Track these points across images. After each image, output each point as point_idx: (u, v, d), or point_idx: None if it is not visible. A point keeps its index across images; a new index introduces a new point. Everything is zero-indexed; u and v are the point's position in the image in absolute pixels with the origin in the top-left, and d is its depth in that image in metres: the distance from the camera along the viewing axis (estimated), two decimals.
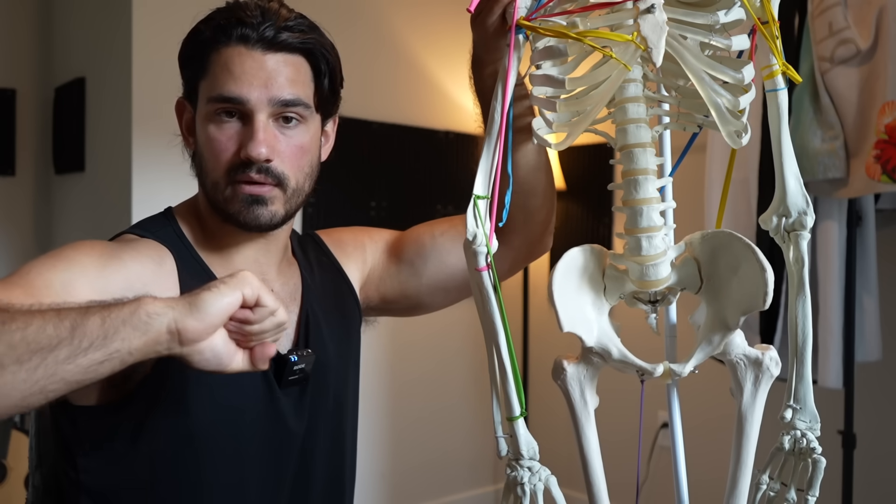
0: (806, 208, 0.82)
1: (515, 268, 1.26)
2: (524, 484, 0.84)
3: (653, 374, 0.87)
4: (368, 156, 3.09)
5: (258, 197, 1.02)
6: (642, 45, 0.79)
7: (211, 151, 1.02)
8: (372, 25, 3.13)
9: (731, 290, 0.84)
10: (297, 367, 1.07)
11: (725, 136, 0.83)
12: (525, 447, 0.85)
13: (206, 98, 1.02)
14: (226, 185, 1.02)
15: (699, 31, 0.83)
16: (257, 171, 1.01)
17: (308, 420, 1.10)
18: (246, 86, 1.00)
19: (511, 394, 0.85)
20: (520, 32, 0.87)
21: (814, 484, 0.78)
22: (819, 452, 0.79)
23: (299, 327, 1.13)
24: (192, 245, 1.06)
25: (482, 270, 0.84)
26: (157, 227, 1.07)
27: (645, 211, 0.84)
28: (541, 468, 0.86)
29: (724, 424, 1.39)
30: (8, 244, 3.03)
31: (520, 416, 0.86)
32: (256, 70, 1.00)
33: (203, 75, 1.03)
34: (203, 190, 1.07)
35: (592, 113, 0.86)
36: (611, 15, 0.84)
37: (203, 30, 1.03)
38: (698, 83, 0.82)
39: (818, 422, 0.80)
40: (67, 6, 3.03)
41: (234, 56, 1.00)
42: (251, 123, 1.00)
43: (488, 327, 0.85)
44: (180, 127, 1.11)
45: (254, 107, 1.00)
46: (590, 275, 0.90)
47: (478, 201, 0.84)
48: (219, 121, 1.01)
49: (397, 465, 3.28)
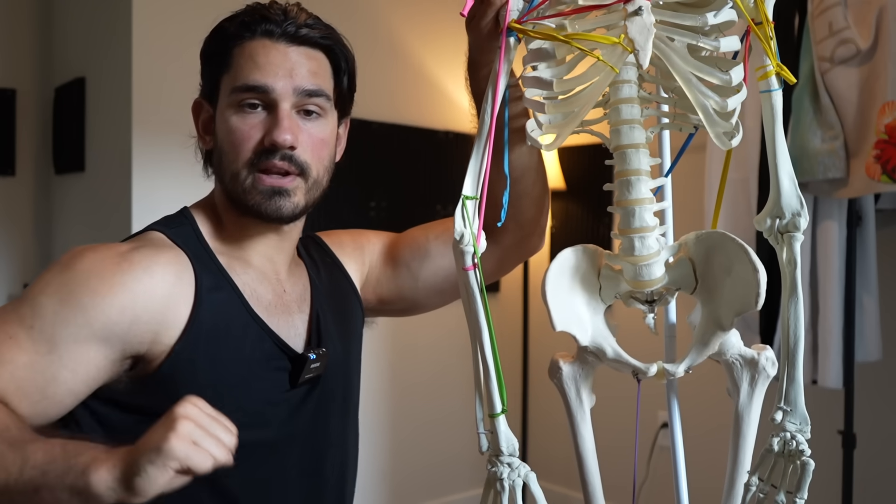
0: (800, 209, 0.81)
1: (505, 267, 1.27)
2: (503, 479, 0.86)
3: (647, 373, 0.88)
4: (368, 156, 3.09)
5: (280, 189, 1.03)
6: (629, 47, 0.80)
7: (233, 141, 1.03)
8: (372, 25, 3.13)
9: (724, 290, 0.85)
10: (312, 366, 1.08)
11: (714, 138, 0.83)
12: (505, 444, 0.87)
13: (229, 89, 1.04)
14: (247, 174, 1.03)
15: (687, 34, 0.83)
16: (281, 159, 1.02)
17: (317, 418, 1.11)
18: (271, 75, 1.02)
19: (493, 391, 0.87)
20: (511, 35, 0.88)
21: (802, 487, 0.78)
22: (808, 455, 0.79)
23: (310, 326, 1.14)
24: (208, 242, 1.07)
25: (468, 270, 0.85)
26: (177, 225, 1.07)
27: (637, 211, 0.84)
28: (520, 464, 0.87)
29: (723, 424, 1.39)
30: (8, 244, 3.04)
31: (501, 413, 0.87)
32: (281, 60, 1.03)
33: (226, 69, 1.05)
34: (222, 184, 1.08)
35: (580, 114, 0.87)
36: (601, 17, 0.85)
37: (227, 27, 1.06)
38: (685, 85, 0.82)
39: (808, 424, 0.80)
40: (67, 6, 3.03)
41: (258, 48, 1.03)
42: (275, 112, 1.02)
43: (473, 325, 0.87)
44: (196, 127, 1.12)
45: (279, 96, 1.02)
46: (584, 274, 0.90)
47: (466, 201, 0.86)
48: (242, 111, 1.03)
49: (398, 464, 3.28)
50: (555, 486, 3.38)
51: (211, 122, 1.09)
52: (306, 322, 1.14)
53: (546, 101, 0.88)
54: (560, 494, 3.35)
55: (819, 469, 0.83)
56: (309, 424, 1.10)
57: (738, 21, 0.83)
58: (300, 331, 1.12)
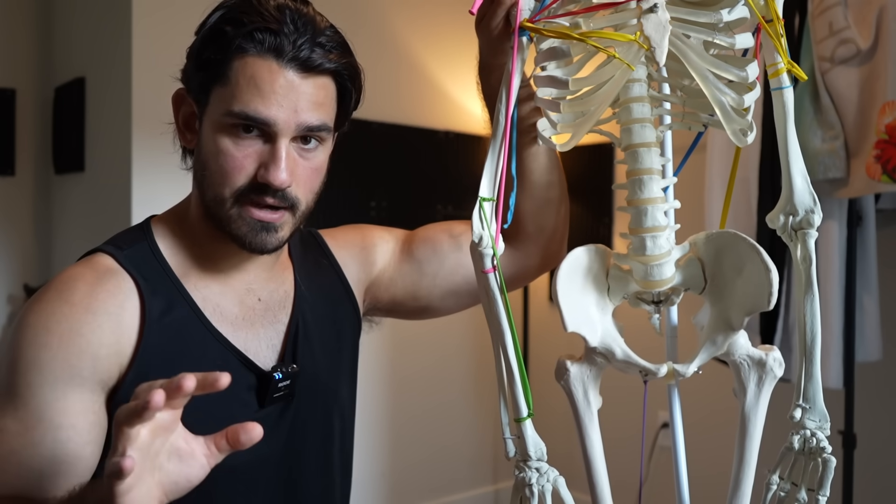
0: (813, 206, 0.82)
1: (526, 275, 1.22)
2: (532, 485, 0.85)
3: (657, 374, 0.87)
4: (368, 156, 3.08)
5: (268, 224, 0.97)
6: (645, 44, 0.79)
7: (222, 166, 0.95)
8: (372, 25, 3.13)
9: (735, 290, 0.84)
10: (281, 385, 1.02)
11: (731, 135, 0.83)
12: (533, 448, 0.86)
13: (224, 109, 0.94)
14: (233, 203, 0.96)
15: (703, 30, 0.83)
16: (272, 196, 0.95)
17: (293, 441, 1.06)
18: (275, 107, 0.92)
19: (518, 395, 0.85)
20: (524, 34, 0.87)
21: (824, 484, 0.78)
22: (829, 452, 0.79)
23: (287, 338, 1.07)
24: (166, 259, 1.01)
25: (488, 272, 0.84)
26: (130, 242, 1.01)
27: (650, 210, 0.84)
28: (549, 469, 0.86)
29: (724, 424, 1.39)
30: (8, 244, 3.03)
31: (527, 418, 0.86)
32: (287, 91, 0.93)
33: (221, 82, 0.94)
34: (201, 197, 1.00)
35: (596, 113, 0.86)
36: (614, 15, 0.84)
37: (228, 32, 0.93)
38: (702, 82, 0.82)
39: (828, 421, 0.80)
40: (67, 6, 3.03)
41: (263, 72, 0.92)
42: (273, 146, 0.94)
43: (495, 329, 0.85)
44: (175, 119, 1.03)
45: (280, 130, 0.93)
46: (594, 275, 0.90)
47: (483, 203, 0.84)
48: (236, 135, 0.94)
49: (397, 463, 3.28)
50: None
51: (193, 120, 1.00)
52: (283, 333, 1.07)
53: (560, 101, 0.88)
54: None
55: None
56: (283, 447, 1.04)
57: (748, 19, 0.83)
58: (274, 342, 1.06)
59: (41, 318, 0.93)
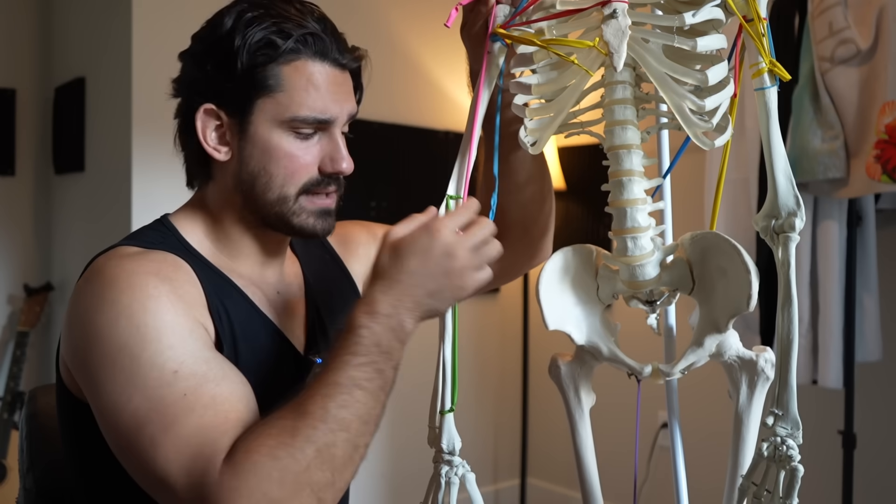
0: (796, 209, 0.80)
1: (513, 271, 1.26)
2: (440, 475, 0.92)
3: (641, 373, 0.88)
4: (368, 156, 3.08)
5: (329, 209, 1.05)
6: (604, 49, 0.81)
7: (287, 167, 1.00)
8: (371, 25, 3.13)
9: (719, 291, 0.84)
10: (317, 371, 1.02)
11: (693, 138, 0.83)
12: (446, 442, 0.92)
13: (284, 115, 0.98)
14: (296, 199, 1.01)
15: (663, 34, 0.83)
16: (335, 183, 1.04)
17: None
18: (333, 105, 1.00)
19: (446, 389, 0.93)
20: (497, 40, 0.92)
21: (791, 493, 0.76)
22: (798, 461, 0.77)
23: (307, 326, 1.12)
24: (197, 250, 1.03)
25: None
26: (157, 237, 1.02)
27: (629, 212, 0.84)
28: (461, 463, 0.92)
29: (723, 425, 1.38)
30: (8, 244, 3.04)
31: (449, 411, 0.92)
32: (337, 87, 1.01)
33: (270, 90, 0.97)
34: (253, 202, 1.02)
35: (559, 117, 0.89)
36: (580, 21, 0.87)
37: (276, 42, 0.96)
38: (660, 86, 0.82)
39: (800, 429, 0.78)
40: (67, 6, 3.03)
41: (316, 74, 0.99)
42: (332, 138, 1.02)
43: (441, 325, 0.93)
44: (202, 136, 1.01)
45: (337, 123, 1.02)
46: (580, 274, 0.91)
47: (450, 201, 0.94)
48: (299, 136, 1.00)
49: (397, 465, 3.28)
50: (555, 486, 3.38)
51: (229, 134, 1.01)
52: (302, 327, 1.11)
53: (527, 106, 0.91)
54: (560, 494, 3.35)
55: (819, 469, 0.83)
56: None
57: (732, 19, 0.83)
58: (297, 333, 1.10)
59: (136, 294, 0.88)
